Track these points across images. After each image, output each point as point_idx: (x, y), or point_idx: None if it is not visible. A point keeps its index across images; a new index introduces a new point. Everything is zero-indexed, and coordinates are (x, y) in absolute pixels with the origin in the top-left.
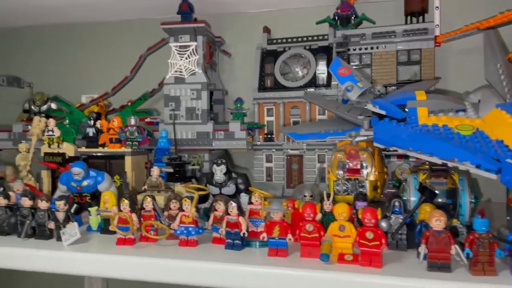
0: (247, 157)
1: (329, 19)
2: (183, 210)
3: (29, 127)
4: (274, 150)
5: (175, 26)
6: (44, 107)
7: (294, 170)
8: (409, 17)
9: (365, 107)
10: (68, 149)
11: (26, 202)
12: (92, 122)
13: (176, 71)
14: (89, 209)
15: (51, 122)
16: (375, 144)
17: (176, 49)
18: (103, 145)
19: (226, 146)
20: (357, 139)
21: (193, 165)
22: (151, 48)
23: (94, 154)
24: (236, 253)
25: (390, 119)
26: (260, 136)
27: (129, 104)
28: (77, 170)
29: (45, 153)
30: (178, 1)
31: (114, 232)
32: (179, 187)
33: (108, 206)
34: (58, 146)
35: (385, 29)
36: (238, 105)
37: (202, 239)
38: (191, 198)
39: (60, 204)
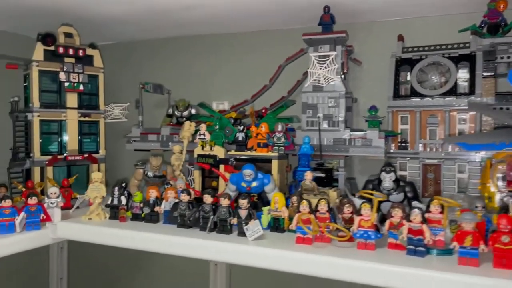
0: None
1: (474, 27)
2: (361, 214)
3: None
4: (409, 158)
5: (317, 37)
6: (186, 113)
7: (430, 179)
8: None
9: None
10: (219, 151)
11: (209, 199)
12: (241, 127)
13: (314, 80)
14: (262, 208)
15: (203, 127)
16: None
17: (315, 59)
18: (251, 149)
19: (362, 153)
20: None
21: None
22: (290, 58)
23: (242, 157)
24: (417, 259)
25: None
26: (393, 144)
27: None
28: (248, 172)
29: (198, 155)
30: (314, 11)
31: (284, 231)
32: (331, 192)
33: (279, 206)
34: (211, 149)
35: None
36: (373, 113)
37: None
38: (370, 203)
39: (244, 203)
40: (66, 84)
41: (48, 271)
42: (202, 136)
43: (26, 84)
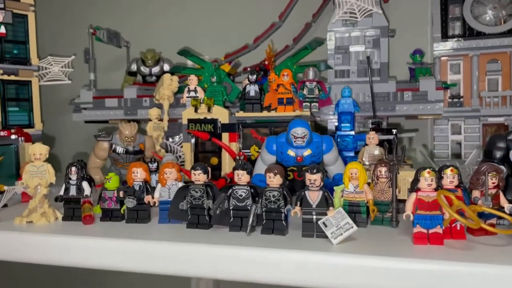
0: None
1: None
2: None
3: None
4: (465, 118)
5: None
6: (156, 68)
7: None
8: None
9: None
10: (221, 113)
11: (244, 177)
12: (254, 77)
13: (346, 13)
14: (335, 188)
15: (193, 79)
16: None
17: None
18: (269, 108)
19: (414, 112)
20: None
21: None
22: None
23: (255, 120)
24: None
25: None
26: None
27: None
28: (301, 131)
29: (190, 120)
30: None
31: (366, 223)
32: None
33: (359, 184)
34: (208, 111)
35: None
36: (419, 59)
37: None
38: None
39: (316, 179)
40: None
41: None
42: (193, 93)
43: None
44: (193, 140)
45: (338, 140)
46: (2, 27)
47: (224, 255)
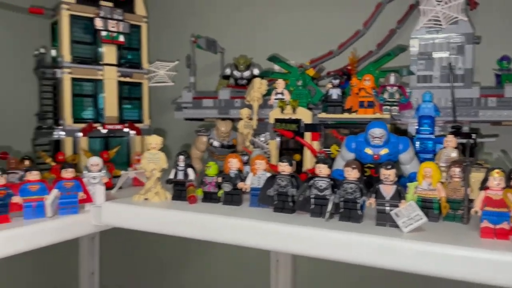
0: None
1: None
2: None
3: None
4: None
5: None
6: (248, 73)
7: None
8: None
9: None
10: (304, 114)
11: (325, 170)
12: (337, 81)
13: (430, 20)
14: (408, 184)
15: (281, 83)
16: None
17: None
18: (349, 110)
19: (498, 118)
20: None
21: None
22: None
23: (336, 121)
24: None
25: None
26: None
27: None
28: (379, 132)
29: (277, 120)
30: None
31: (438, 219)
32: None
33: (433, 182)
34: (293, 111)
35: None
36: (505, 65)
37: None
38: None
39: (390, 174)
40: (104, 33)
41: (77, 265)
42: (280, 96)
43: (54, 35)
44: (278, 138)
45: (418, 142)
46: (121, 36)
47: (303, 234)
